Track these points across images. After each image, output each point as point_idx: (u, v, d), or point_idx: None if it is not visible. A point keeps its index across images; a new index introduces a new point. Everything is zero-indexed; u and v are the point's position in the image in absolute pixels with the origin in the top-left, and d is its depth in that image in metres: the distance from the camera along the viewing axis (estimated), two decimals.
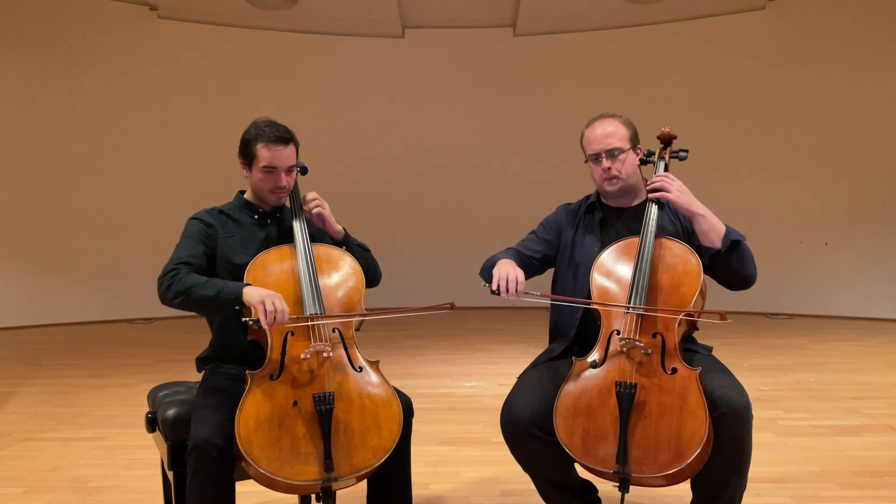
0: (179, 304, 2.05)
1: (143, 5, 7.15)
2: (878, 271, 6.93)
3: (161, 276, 2.08)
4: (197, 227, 2.23)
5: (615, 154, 2.21)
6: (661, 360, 1.95)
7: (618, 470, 1.88)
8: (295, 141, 2.25)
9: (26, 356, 5.65)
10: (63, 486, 2.93)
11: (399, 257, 7.32)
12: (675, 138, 2.31)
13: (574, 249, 2.30)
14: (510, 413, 2.04)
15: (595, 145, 2.23)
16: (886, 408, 3.91)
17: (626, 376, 1.95)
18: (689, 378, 1.91)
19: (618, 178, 2.23)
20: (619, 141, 2.22)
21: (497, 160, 7.87)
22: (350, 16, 7.38)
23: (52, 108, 7.00)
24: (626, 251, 2.14)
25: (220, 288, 2.01)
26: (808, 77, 7.01)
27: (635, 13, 7.23)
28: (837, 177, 7.03)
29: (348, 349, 2.08)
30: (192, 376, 2.41)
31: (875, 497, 2.73)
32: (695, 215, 2.10)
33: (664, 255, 2.10)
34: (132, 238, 7.22)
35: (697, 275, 2.04)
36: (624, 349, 1.98)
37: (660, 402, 1.91)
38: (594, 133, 2.25)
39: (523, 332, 6.39)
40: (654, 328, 1.99)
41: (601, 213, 2.32)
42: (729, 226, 2.12)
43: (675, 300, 2.03)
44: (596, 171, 2.26)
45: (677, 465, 1.85)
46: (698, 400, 1.87)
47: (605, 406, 1.94)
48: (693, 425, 1.86)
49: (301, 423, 1.92)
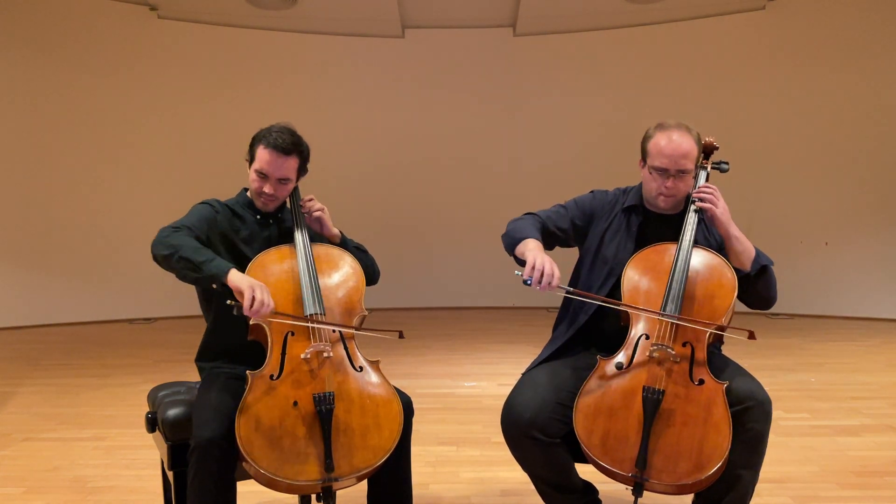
0: (165, 258, 1.98)
1: (143, 5, 7.14)
2: (878, 271, 6.93)
3: (163, 228, 2.05)
4: (205, 209, 2.22)
5: (683, 175, 2.12)
6: (690, 370, 1.94)
7: (636, 474, 1.88)
8: (300, 154, 2.20)
9: (26, 356, 5.65)
10: (63, 486, 2.93)
11: (399, 257, 7.32)
12: (717, 149, 2.28)
13: (602, 245, 2.25)
14: (510, 414, 2.03)
15: (667, 161, 2.10)
16: (886, 408, 3.91)
17: (655, 382, 1.93)
18: (715, 391, 1.91)
19: (674, 197, 2.17)
20: (691, 163, 2.12)
21: (497, 160, 7.86)
22: (350, 16, 7.37)
23: (51, 107, 7.00)
24: (662, 256, 2.10)
25: (210, 259, 1.96)
26: (808, 77, 7.00)
27: (635, 13, 7.22)
28: (837, 177, 7.03)
29: (349, 349, 2.08)
30: (192, 376, 2.41)
31: (875, 497, 2.73)
32: (731, 237, 2.08)
33: (700, 264, 2.07)
34: (132, 238, 7.20)
35: (732, 289, 2.03)
36: (654, 355, 1.96)
37: (684, 412, 1.90)
38: (670, 147, 2.10)
39: (523, 332, 6.39)
40: (685, 337, 1.98)
41: (641, 217, 2.25)
42: (759, 249, 2.11)
43: (708, 311, 2.01)
44: (656, 183, 2.15)
45: (696, 476, 1.85)
46: (723, 414, 1.88)
47: (628, 409, 1.93)
48: (716, 439, 1.86)
49: (301, 423, 1.92)
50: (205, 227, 2.16)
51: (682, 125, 2.16)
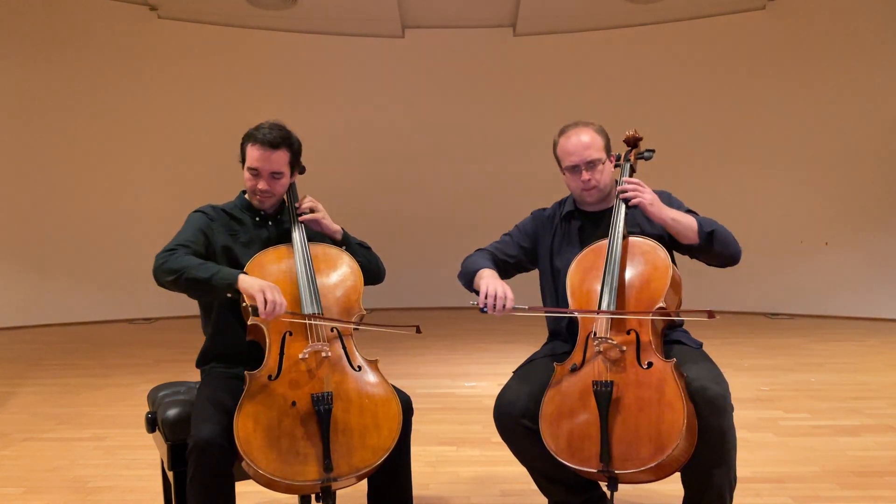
0: (171, 283, 2.01)
1: (143, 5, 7.15)
2: (878, 271, 6.93)
3: (158, 254, 2.05)
4: (200, 218, 2.22)
5: (594, 165, 2.21)
6: (637, 356, 1.98)
7: (602, 469, 1.89)
8: (289, 147, 2.20)
9: (26, 356, 5.65)
10: (63, 486, 2.93)
11: (399, 257, 7.29)
12: (641, 139, 2.35)
13: (554, 257, 2.33)
14: (501, 405, 2.11)
15: (573, 157, 2.22)
16: (886, 408, 3.91)
17: (602, 375, 1.97)
18: (664, 370, 1.93)
19: (596, 188, 2.24)
20: (598, 151, 2.22)
21: (497, 160, 7.86)
22: (350, 16, 7.38)
23: (51, 107, 7.00)
24: (597, 254, 2.16)
25: (215, 272, 1.98)
26: (808, 77, 7.00)
27: (635, 13, 7.22)
28: (837, 177, 7.03)
29: (347, 348, 2.07)
30: (192, 376, 2.41)
31: (875, 497, 2.73)
32: (666, 221, 2.13)
33: (633, 253, 2.13)
34: (132, 238, 7.22)
35: (666, 268, 2.07)
36: (600, 349, 2.00)
37: (638, 397, 1.92)
38: (571, 144, 2.23)
39: (523, 332, 6.38)
40: (628, 325, 2.02)
41: (580, 220, 2.33)
42: (699, 217, 2.17)
43: (647, 296, 2.05)
44: (574, 181, 2.26)
45: (659, 457, 1.85)
46: (675, 391, 1.89)
47: (586, 407, 1.96)
48: (671, 416, 1.87)
49: (300, 423, 1.92)
50: (201, 238, 2.16)
51: (579, 122, 2.27)
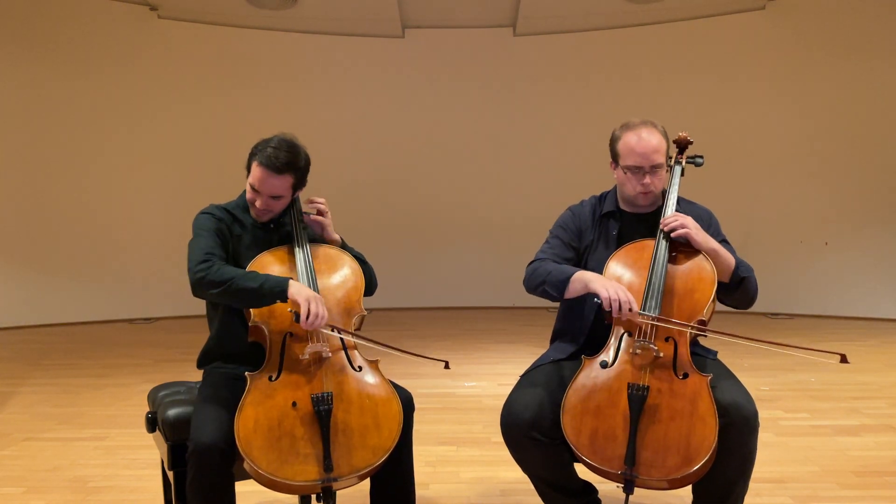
0: (216, 294, 2.00)
1: (143, 5, 7.14)
2: (878, 271, 6.93)
3: (193, 266, 2.02)
4: (210, 220, 2.20)
5: (657, 170, 2.13)
6: (673, 365, 1.95)
7: (625, 471, 1.88)
8: (294, 172, 2.15)
9: (26, 356, 5.64)
10: (63, 486, 2.93)
11: (399, 256, 7.32)
12: (692, 143, 2.29)
13: (589, 256, 2.25)
14: (510, 415, 2.03)
15: (640, 158, 2.11)
16: (886, 408, 3.91)
17: (639, 378, 1.94)
18: (700, 384, 1.91)
19: (653, 192, 2.17)
20: (663, 156, 2.13)
21: (497, 160, 7.85)
22: (350, 16, 7.37)
23: (51, 107, 6.99)
24: (641, 253, 2.11)
25: (264, 280, 1.98)
26: (808, 77, 7.00)
27: (635, 13, 7.22)
28: (837, 177, 7.03)
29: (347, 349, 2.08)
30: (192, 376, 2.41)
31: (875, 497, 2.73)
32: (709, 252, 2.08)
33: (679, 259, 2.08)
34: (133, 238, 7.21)
35: (712, 282, 2.03)
36: (637, 351, 1.97)
37: (670, 407, 1.90)
38: (640, 144, 2.11)
39: (523, 332, 6.39)
40: (668, 332, 1.99)
41: (619, 221, 2.25)
42: (738, 257, 2.12)
43: (689, 306, 2.02)
44: (631, 182, 2.15)
45: (685, 469, 1.85)
46: (709, 406, 1.88)
47: (615, 407, 1.93)
48: (703, 431, 1.86)
49: (300, 423, 1.92)
50: (220, 241, 2.15)
51: (647, 122, 2.17)
